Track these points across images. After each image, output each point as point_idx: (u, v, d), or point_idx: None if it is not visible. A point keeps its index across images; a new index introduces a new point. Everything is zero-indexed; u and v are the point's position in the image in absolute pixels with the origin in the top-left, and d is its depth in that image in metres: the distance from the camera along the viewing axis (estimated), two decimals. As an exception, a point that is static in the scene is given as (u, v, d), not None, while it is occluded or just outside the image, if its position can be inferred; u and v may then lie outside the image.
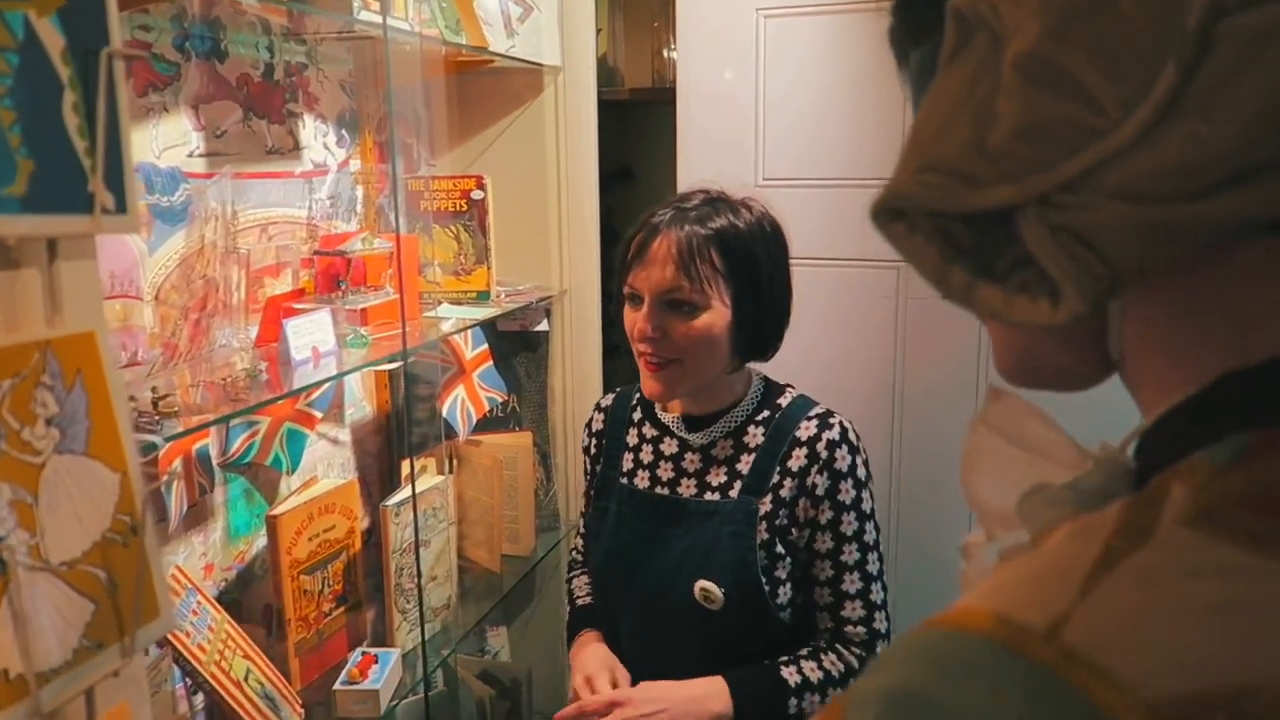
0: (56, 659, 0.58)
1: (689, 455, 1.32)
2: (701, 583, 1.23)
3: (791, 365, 2.00)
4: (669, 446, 1.34)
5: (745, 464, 1.28)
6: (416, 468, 1.83)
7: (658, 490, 1.32)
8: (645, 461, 1.35)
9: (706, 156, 1.99)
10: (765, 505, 1.24)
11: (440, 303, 1.88)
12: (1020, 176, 0.35)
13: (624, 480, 1.36)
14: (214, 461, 1.50)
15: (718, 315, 1.22)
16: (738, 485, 1.27)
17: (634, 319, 1.25)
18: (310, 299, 1.52)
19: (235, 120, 1.53)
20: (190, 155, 1.44)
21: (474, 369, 1.92)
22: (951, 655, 0.34)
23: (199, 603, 1.35)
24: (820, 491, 1.24)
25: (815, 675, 1.24)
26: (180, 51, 1.41)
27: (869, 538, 1.26)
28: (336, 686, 1.46)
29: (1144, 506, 0.35)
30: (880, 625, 1.27)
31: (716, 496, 1.28)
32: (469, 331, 1.89)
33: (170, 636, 1.24)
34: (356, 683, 1.46)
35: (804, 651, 1.26)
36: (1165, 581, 0.32)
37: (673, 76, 2.09)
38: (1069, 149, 0.34)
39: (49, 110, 0.56)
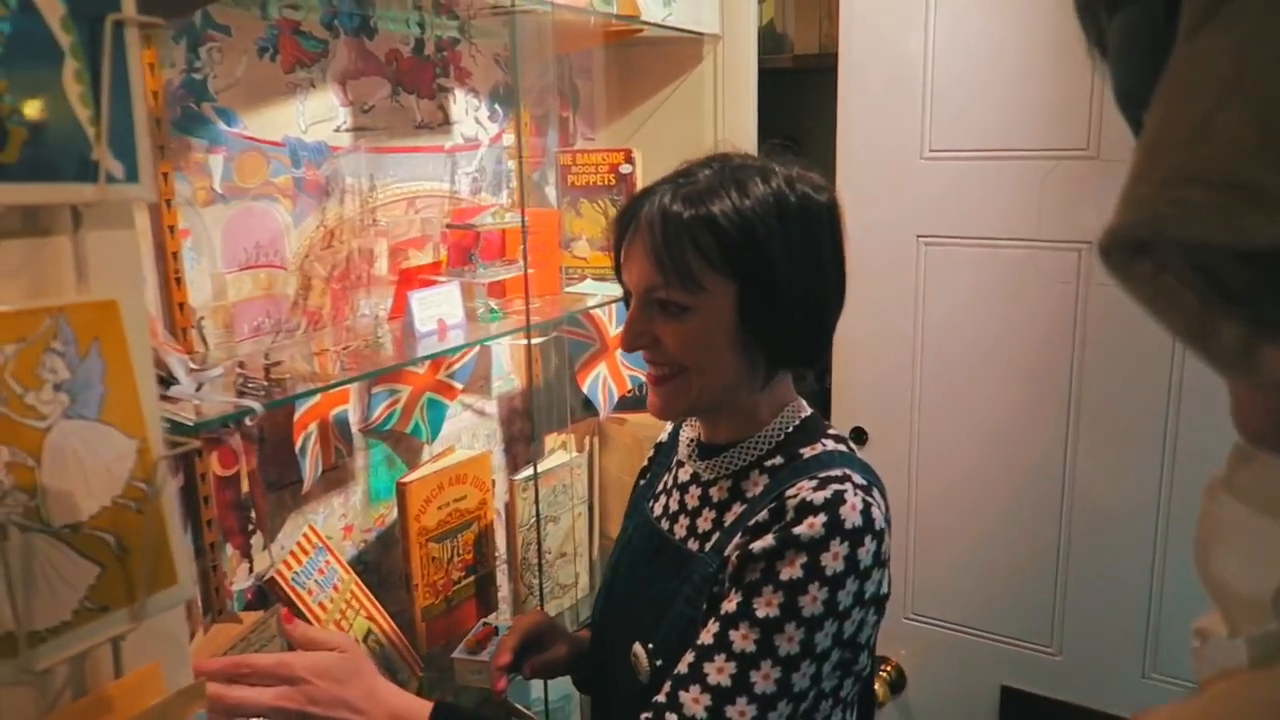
0: (53, 619, 0.59)
1: (692, 489, 1.07)
2: (636, 646, 1.01)
3: (951, 359, 1.85)
4: (684, 474, 1.10)
5: (733, 515, 1.01)
6: (556, 443, 1.84)
7: (661, 522, 1.09)
8: (667, 486, 1.13)
9: (869, 126, 1.85)
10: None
11: (585, 278, 1.86)
12: None
13: (649, 503, 1.14)
14: (354, 428, 1.56)
15: (716, 317, 0.96)
16: (714, 539, 1.00)
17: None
18: (445, 272, 1.54)
19: (383, 95, 1.57)
20: (337, 130, 1.49)
21: (617, 347, 1.89)
22: None
23: (327, 562, 1.40)
24: (758, 549, 0.91)
25: None
26: (328, 29, 1.46)
27: (784, 651, 0.89)
28: (454, 655, 1.48)
29: None
30: None
31: (695, 546, 1.02)
32: (613, 308, 1.86)
33: (290, 592, 1.30)
34: (473, 653, 1.47)
35: None
36: None
37: (841, 41, 1.96)
38: None
39: (45, 78, 0.56)
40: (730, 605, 0.92)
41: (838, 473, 0.95)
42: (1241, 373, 0.28)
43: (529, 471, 1.63)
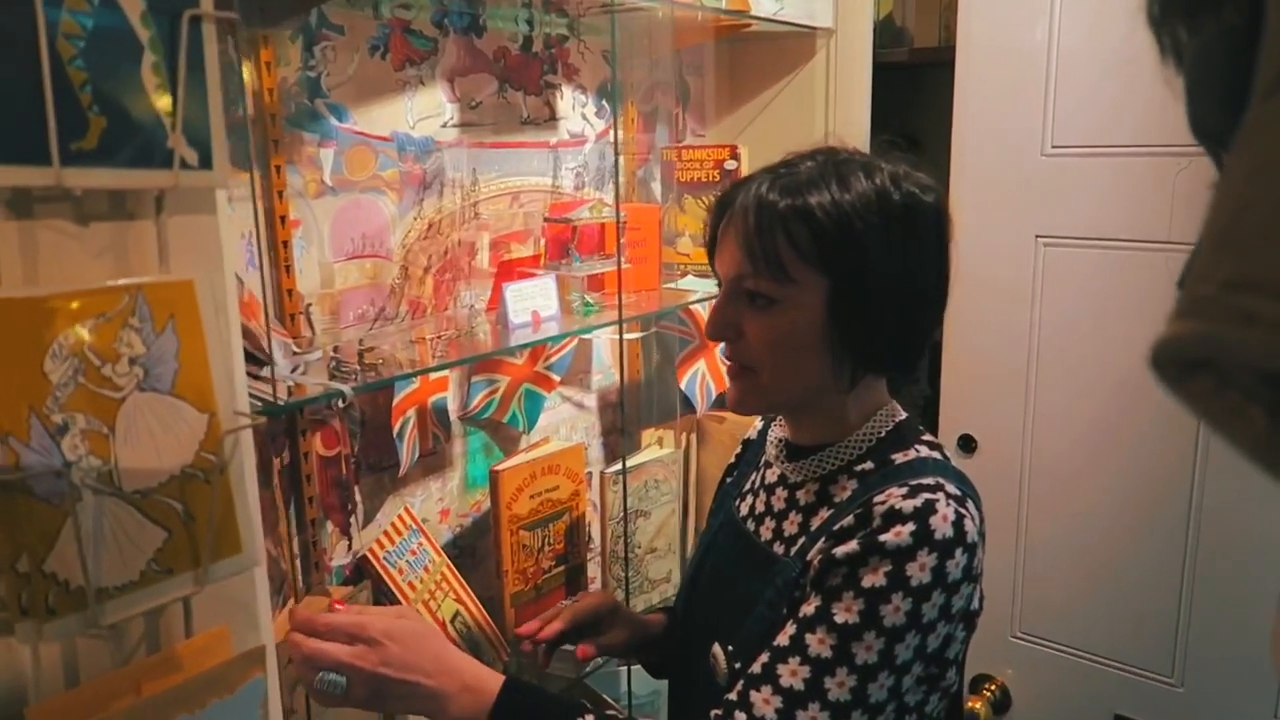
0: (121, 578, 0.63)
1: (779, 491, 1.05)
2: (715, 647, 1.00)
3: (1069, 366, 1.75)
4: (771, 475, 1.08)
5: (819, 520, 0.98)
6: (652, 438, 1.84)
7: (747, 523, 1.08)
8: (755, 486, 1.11)
9: (987, 120, 1.77)
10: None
11: (686, 274, 1.86)
12: None
13: (735, 501, 1.13)
14: (452, 415, 1.61)
15: (804, 313, 0.94)
16: (799, 543, 0.99)
17: None
18: (543, 265, 1.56)
19: (490, 92, 1.61)
20: (444, 126, 1.53)
21: (717, 344, 1.88)
22: None
23: (420, 544, 1.45)
24: (841, 554, 0.89)
25: None
26: (438, 28, 1.50)
27: (861, 660, 0.86)
28: (539, 641, 1.50)
29: None
30: None
31: (781, 549, 1.01)
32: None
33: (381, 570, 1.35)
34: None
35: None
36: None
37: (961, 33, 1.88)
38: None
39: (125, 71, 0.60)
40: (809, 609, 0.90)
41: (930, 481, 0.92)
42: None
43: (619, 465, 1.64)
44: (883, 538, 0.87)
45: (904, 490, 0.91)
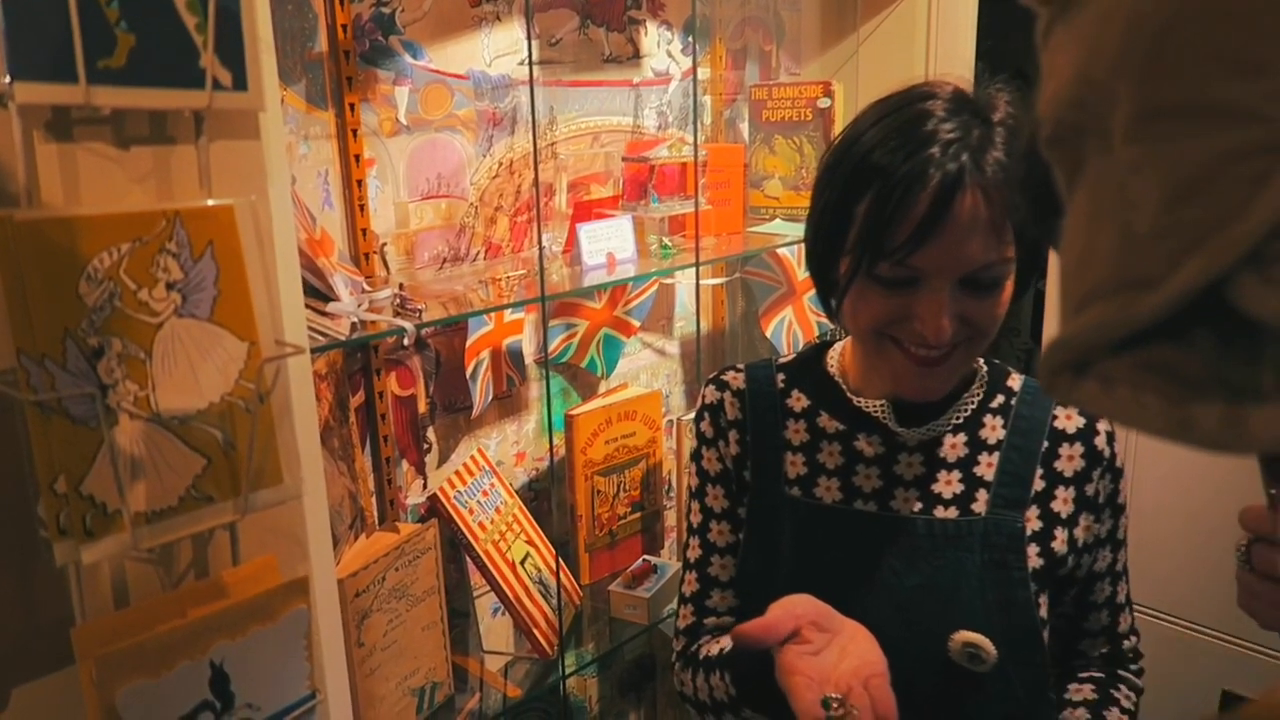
0: (160, 503, 0.63)
1: (904, 457, 0.95)
2: (964, 635, 0.88)
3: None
4: (869, 446, 0.95)
5: (987, 467, 0.94)
6: (733, 387, 1.79)
7: (858, 505, 0.95)
8: (829, 466, 0.96)
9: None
10: (1033, 522, 0.93)
11: (774, 217, 1.79)
12: (1201, 241, 0.26)
13: (794, 491, 0.97)
14: (529, 358, 1.60)
15: (1011, 275, 0.86)
16: (983, 496, 0.93)
17: (896, 307, 0.84)
18: (621, 206, 1.53)
19: (571, 28, 1.56)
20: (521, 63, 1.50)
21: (806, 291, 1.81)
22: None
23: (492, 484, 1.45)
24: (1102, 499, 0.98)
25: None
26: (517, -39, 1.46)
27: (1121, 534, 1.04)
28: (612, 587, 1.50)
29: None
30: (1135, 622, 1.07)
31: (955, 513, 0.92)
32: (803, 249, 1.78)
33: (451, 510, 1.35)
34: (630, 587, 1.48)
35: (1091, 691, 0.99)
36: None
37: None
38: (1248, 182, 0.25)
39: (153, -14, 0.58)
40: (1106, 558, 1.00)
41: None
42: (1234, 446, 0.27)
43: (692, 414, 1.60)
44: (1118, 464, 0.99)
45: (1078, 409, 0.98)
